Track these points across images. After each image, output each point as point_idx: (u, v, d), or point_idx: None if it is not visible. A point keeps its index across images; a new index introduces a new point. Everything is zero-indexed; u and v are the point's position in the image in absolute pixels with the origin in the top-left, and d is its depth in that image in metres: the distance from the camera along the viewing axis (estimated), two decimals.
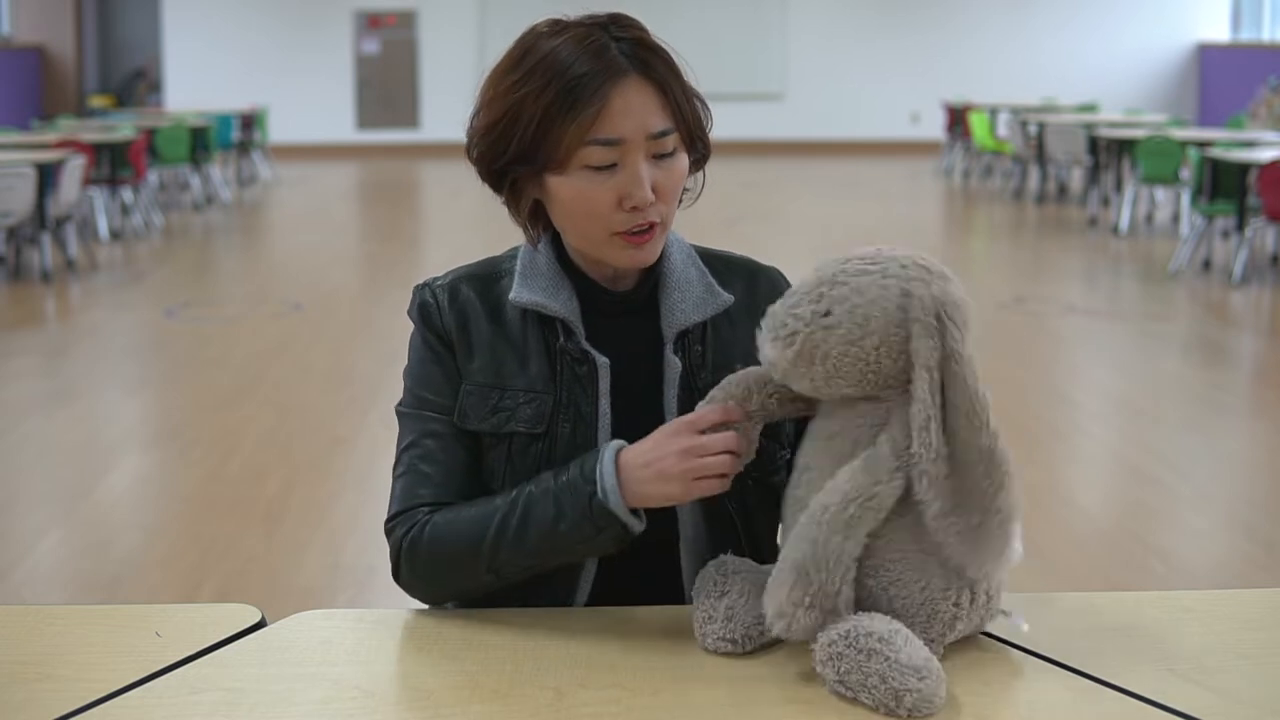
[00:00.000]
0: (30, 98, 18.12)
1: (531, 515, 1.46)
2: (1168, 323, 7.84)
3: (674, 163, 1.50)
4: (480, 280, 1.60)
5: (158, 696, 1.32)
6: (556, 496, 1.46)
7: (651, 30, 1.53)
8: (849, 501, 1.31)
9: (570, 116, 1.44)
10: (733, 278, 1.63)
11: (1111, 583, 3.88)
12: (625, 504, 1.43)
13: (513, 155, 1.49)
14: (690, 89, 1.53)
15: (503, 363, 1.56)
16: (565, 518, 1.45)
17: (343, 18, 18.47)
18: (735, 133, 17.50)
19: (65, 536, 4.32)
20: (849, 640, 1.28)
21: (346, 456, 5.10)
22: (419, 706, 1.31)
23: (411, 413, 1.58)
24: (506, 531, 1.47)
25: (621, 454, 1.45)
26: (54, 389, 6.25)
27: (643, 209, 1.48)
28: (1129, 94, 18.08)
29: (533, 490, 1.48)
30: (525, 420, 1.54)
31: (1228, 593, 1.60)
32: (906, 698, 1.25)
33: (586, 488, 1.44)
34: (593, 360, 1.54)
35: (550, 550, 1.47)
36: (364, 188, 15.78)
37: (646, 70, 1.48)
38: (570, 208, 1.50)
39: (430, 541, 1.51)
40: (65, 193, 8.93)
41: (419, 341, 1.60)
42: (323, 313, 8.00)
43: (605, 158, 1.46)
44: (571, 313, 1.55)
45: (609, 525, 1.44)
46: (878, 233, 11.15)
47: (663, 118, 1.48)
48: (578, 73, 1.44)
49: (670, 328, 1.56)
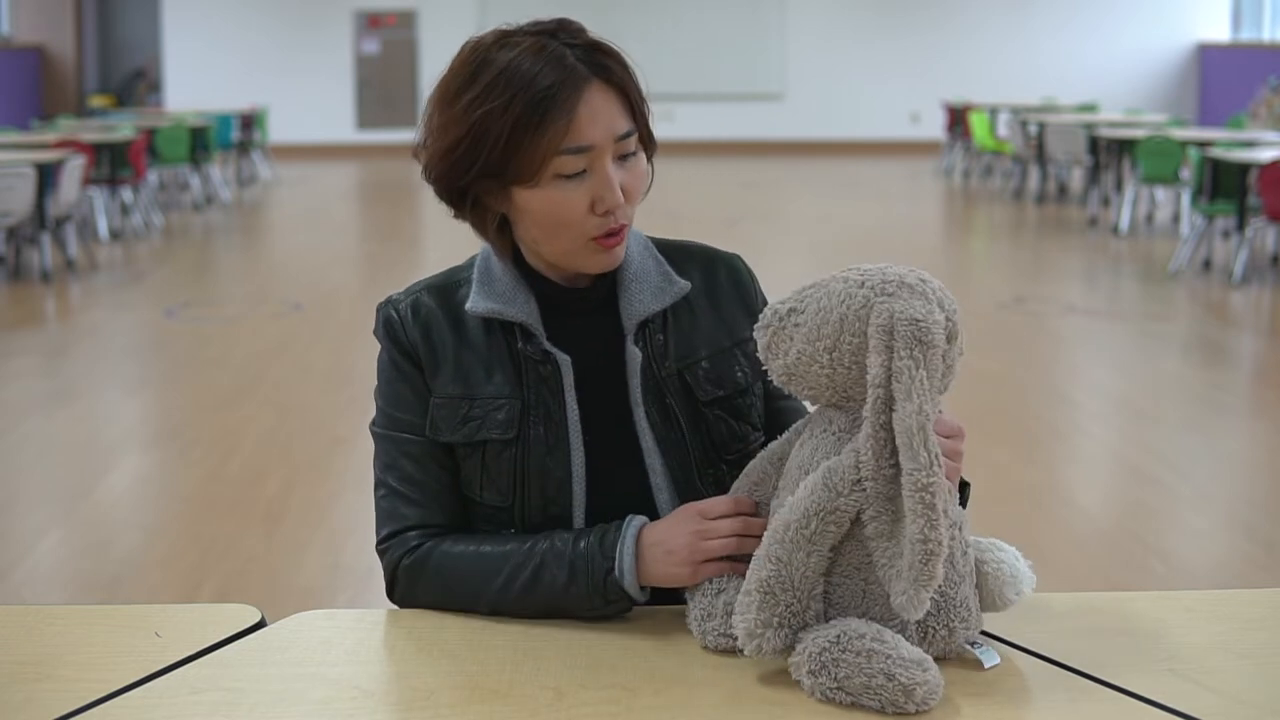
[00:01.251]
0: (30, 98, 18.12)
1: (543, 575, 1.48)
2: (1168, 323, 7.84)
3: (637, 162, 1.52)
4: (440, 291, 1.61)
5: (158, 696, 1.32)
6: (572, 564, 1.47)
7: (648, 32, 1.53)
8: (810, 517, 1.30)
9: (540, 130, 1.44)
10: (690, 265, 1.64)
11: (1111, 583, 3.88)
12: (638, 582, 1.46)
13: (478, 172, 1.49)
14: (642, 92, 1.54)
15: (469, 372, 1.56)
16: (577, 586, 1.47)
17: (343, 18, 18.47)
18: (735, 133, 17.52)
19: (65, 536, 4.32)
20: (842, 645, 1.28)
21: (346, 456, 5.09)
22: (419, 706, 1.31)
23: (385, 433, 1.60)
24: (514, 583, 1.49)
25: (642, 532, 1.47)
26: (54, 389, 6.25)
27: (614, 211, 1.49)
28: (1129, 94, 18.08)
29: (547, 550, 1.49)
30: (497, 426, 1.55)
31: (1228, 593, 1.60)
32: (917, 691, 1.25)
33: (604, 563, 1.46)
34: (554, 360, 1.55)
35: (554, 609, 1.48)
36: (364, 188, 15.78)
37: (605, 74, 1.48)
38: (543, 219, 1.50)
39: (435, 572, 1.52)
40: (65, 193, 8.93)
41: (386, 361, 1.61)
42: (323, 313, 8.00)
43: (576, 166, 1.47)
44: (530, 315, 1.56)
45: (619, 600, 1.46)
46: (878, 233, 11.16)
47: (625, 119, 1.49)
48: (542, 85, 1.44)
49: (630, 319, 1.57)
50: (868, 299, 1.31)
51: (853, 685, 1.27)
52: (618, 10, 15.20)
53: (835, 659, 1.27)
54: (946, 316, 1.32)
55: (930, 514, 1.23)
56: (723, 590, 1.40)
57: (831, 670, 1.27)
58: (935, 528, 1.23)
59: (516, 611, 1.49)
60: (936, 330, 1.28)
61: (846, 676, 1.27)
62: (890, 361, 1.27)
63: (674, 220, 9.54)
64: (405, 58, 18.52)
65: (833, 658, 1.28)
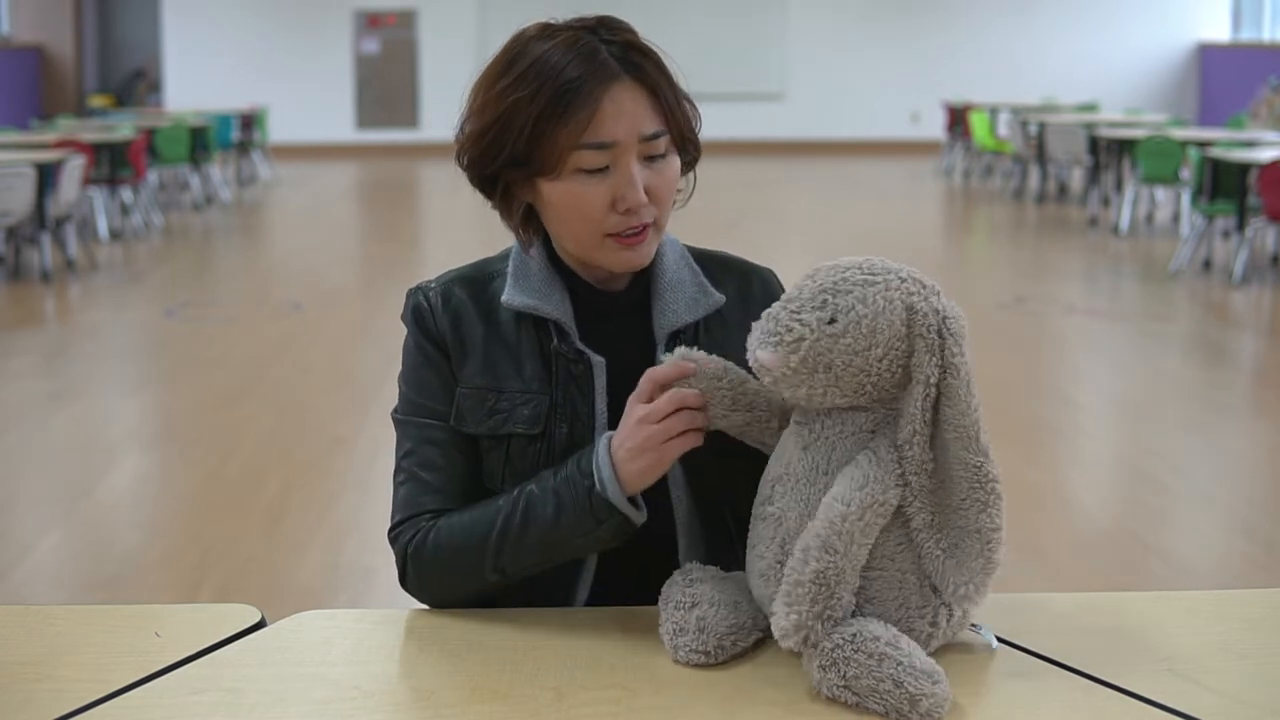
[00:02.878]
0: (30, 98, 18.12)
1: (532, 513, 1.46)
2: (1168, 323, 7.84)
3: (666, 165, 1.50)
4: (473, 283, 1.60)
5: (158, 696, 1.32)
6: (556, 492, 1.45)
7: (649, 31, 1.53)
8: (865, 509, 1.30)
9: (562, 121, 1.44)
10: (726, 278, 1.63)
11: (1111, 583, 3.88)
12: (623, 493, 1.43)
13: (505, 160, 1.49)
14: (680, 91, 1.53)
15: (498, 364, 1.55)
16: (566, 512, 1.44)
17: (343, 18, 18.47)
18: (735, 133, 17.50)
19: (65, 536, 4.32)
20: (856, 644, 1.27)
21: (346, 456, 5.10)
22: (419, 706, 1.31)
23: (409, 419, 1.58)
24: (509, 531, 1.47)
25: (611, 443, 1.45)
26: (54, 389, 6.25)
27: (635, 211, 1.48)
28: (1129, 94, 18.08)
29: (533, 489, 1.48)
30: (522, 421, 1.54)
31: (1228, 593, 1.60)
32: (922, 702, 1.24)
33: (584, 481, 1.44)
34: (588, 360, 1.54)
35: (553, 546, 1.46)
36: (364, 188, 15.78)
37: (637, 73, 1.48)
38: (563, 212, 1.49)
39: (435, 546, 1.51)
40: (65, 193, 8.93)
41: (413, 346, 1.59)
42: (323, 313, 8.00)
43: (598, 161, 1.46)
44: (565, 314, 1.55)
45: (609, 517, 1.43)
46: (878, 233, 11.16)
47: (654, 120, 1.48)
48: (569, 77, 1.44)
49: (662, 329, 1.56)
50: (907, 303, 1.32)
51: (860, 686, 1.26)
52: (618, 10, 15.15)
53: (847, 657, 1.27)
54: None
55: (998, 503, 1.32)
56: (696, 604, 1.38)
57: (841, 668, 1.27)
58: (1001, 516, 1.32)
59: (518, 562, 1.47)
60: (965, 323, 1.34)
61: (855, 676, 1.26)
62: (942, 358, 1.31)
63: (674, 220, 9.50)
64: (405, 58, 18.52)
65: (845, 655, 1.27)
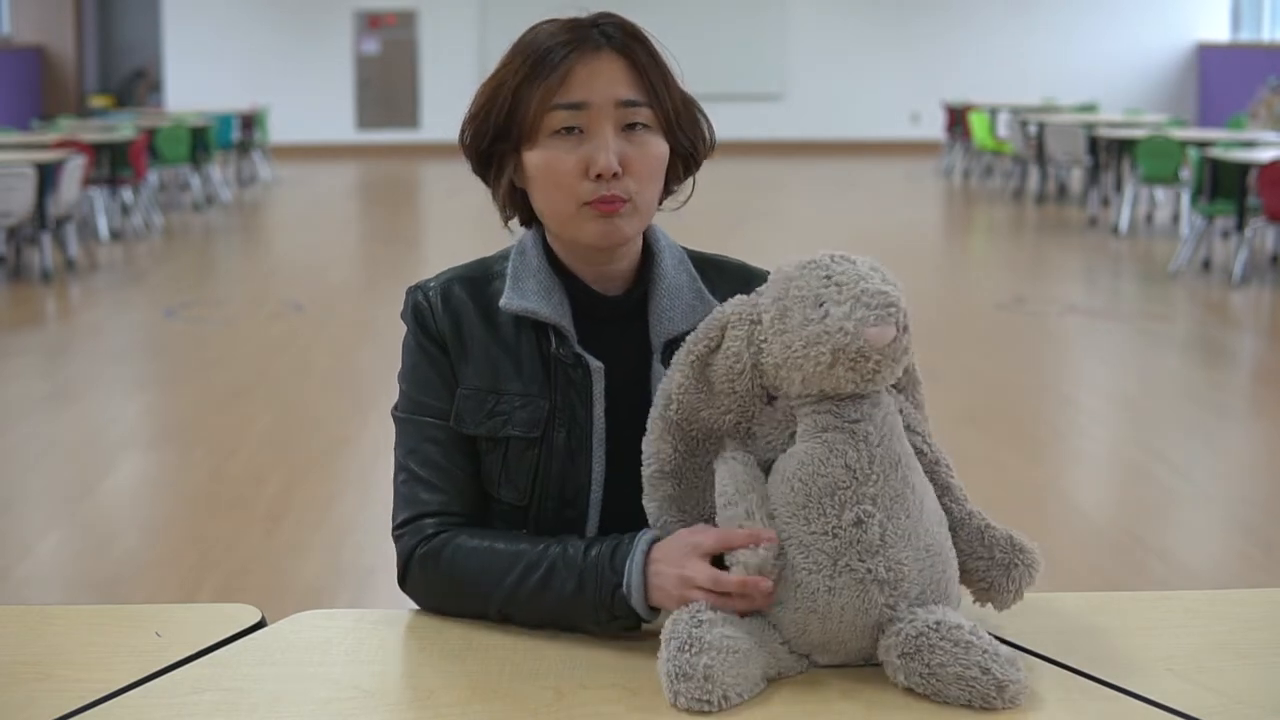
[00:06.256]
0: (30, 98, 18.12)
1: (552, 580, 1.44)
2: (1168, 323, 7.84)
3: (646, 138, 1.51)
4: (472, 282, 1.59)
5: (158, 696, 1.32)
6: (581, 574, 1.43)
7: (651, 31, 1.53)
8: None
9: (537, 83, 1.47)
10: (724, 283, 1.61)
11: (1111, 583, 3.88)
12: (646, 604, 1.40)
13: (493, 133, 1.52)
14: (678, 88, 1.54)
15: (497, 366, 1.55)
16: (585, 596, 1.42)
17: (343, 18, 18.47)
18: (735, 133, 17.48)
19: (65, 536, 4.32)
20: (941, 632, 1.27)
21: (346, 456, 5.10)
22: (419, 706, 1.31)
23: (409, 418, 1.57)
24: (524, 586, 1.45)
25: (651, 550, 1.41)
26: (54, 389, 6.25)
27: (606, 177, 1.47)
28: (1129, 94, 18.08)
29: (560, 558, 1.45)
30: (521, 425, 1.53)
31: (1228, 593, 1.60)
32: (1009, 689, 1.26)
33: (612, 577, 1.41)
34: (586, 365, 1.53)
35: (563, 617, 1.45)
36: (364, 188, 15.78)
37: (622, 48, 1.50)
38: (541, 181, 1.51)
39: (449, 564, 1.49)
40: (65, 193, 8.93)
41: (413, 344, 1.59)
42: (323, 313, 8.00)
43: (569, 120, 1.48)
44: (563, 317, 1.54)
45: (625, 616, 1.42)
46: (877, 233, 11.16)
47: (632, 89, 1.50)
48: (549, 45, 1.48)
49: (659, 336, 1.55)
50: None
51: (946, 674, 1.26)
52: (618, 11, 15.17)
53: (932, 645, 1.27)
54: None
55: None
56: (702, 650, 1.28)
57: (925, 655, 1.27)
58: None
59: (524, 615, 1.46)
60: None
61: (941, 664, 1.26)
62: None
63: (675, 220, 9.51)
64: (405, 58, 18.52)
65: (930, 643, 1.27)
